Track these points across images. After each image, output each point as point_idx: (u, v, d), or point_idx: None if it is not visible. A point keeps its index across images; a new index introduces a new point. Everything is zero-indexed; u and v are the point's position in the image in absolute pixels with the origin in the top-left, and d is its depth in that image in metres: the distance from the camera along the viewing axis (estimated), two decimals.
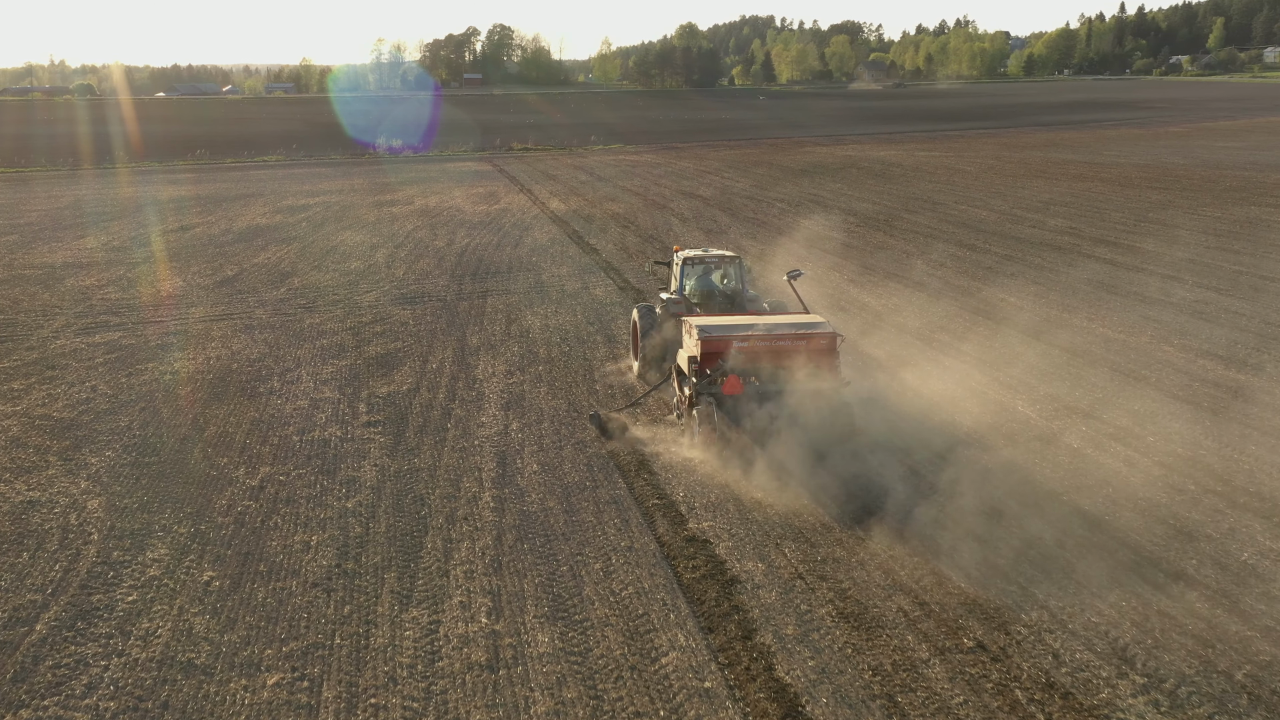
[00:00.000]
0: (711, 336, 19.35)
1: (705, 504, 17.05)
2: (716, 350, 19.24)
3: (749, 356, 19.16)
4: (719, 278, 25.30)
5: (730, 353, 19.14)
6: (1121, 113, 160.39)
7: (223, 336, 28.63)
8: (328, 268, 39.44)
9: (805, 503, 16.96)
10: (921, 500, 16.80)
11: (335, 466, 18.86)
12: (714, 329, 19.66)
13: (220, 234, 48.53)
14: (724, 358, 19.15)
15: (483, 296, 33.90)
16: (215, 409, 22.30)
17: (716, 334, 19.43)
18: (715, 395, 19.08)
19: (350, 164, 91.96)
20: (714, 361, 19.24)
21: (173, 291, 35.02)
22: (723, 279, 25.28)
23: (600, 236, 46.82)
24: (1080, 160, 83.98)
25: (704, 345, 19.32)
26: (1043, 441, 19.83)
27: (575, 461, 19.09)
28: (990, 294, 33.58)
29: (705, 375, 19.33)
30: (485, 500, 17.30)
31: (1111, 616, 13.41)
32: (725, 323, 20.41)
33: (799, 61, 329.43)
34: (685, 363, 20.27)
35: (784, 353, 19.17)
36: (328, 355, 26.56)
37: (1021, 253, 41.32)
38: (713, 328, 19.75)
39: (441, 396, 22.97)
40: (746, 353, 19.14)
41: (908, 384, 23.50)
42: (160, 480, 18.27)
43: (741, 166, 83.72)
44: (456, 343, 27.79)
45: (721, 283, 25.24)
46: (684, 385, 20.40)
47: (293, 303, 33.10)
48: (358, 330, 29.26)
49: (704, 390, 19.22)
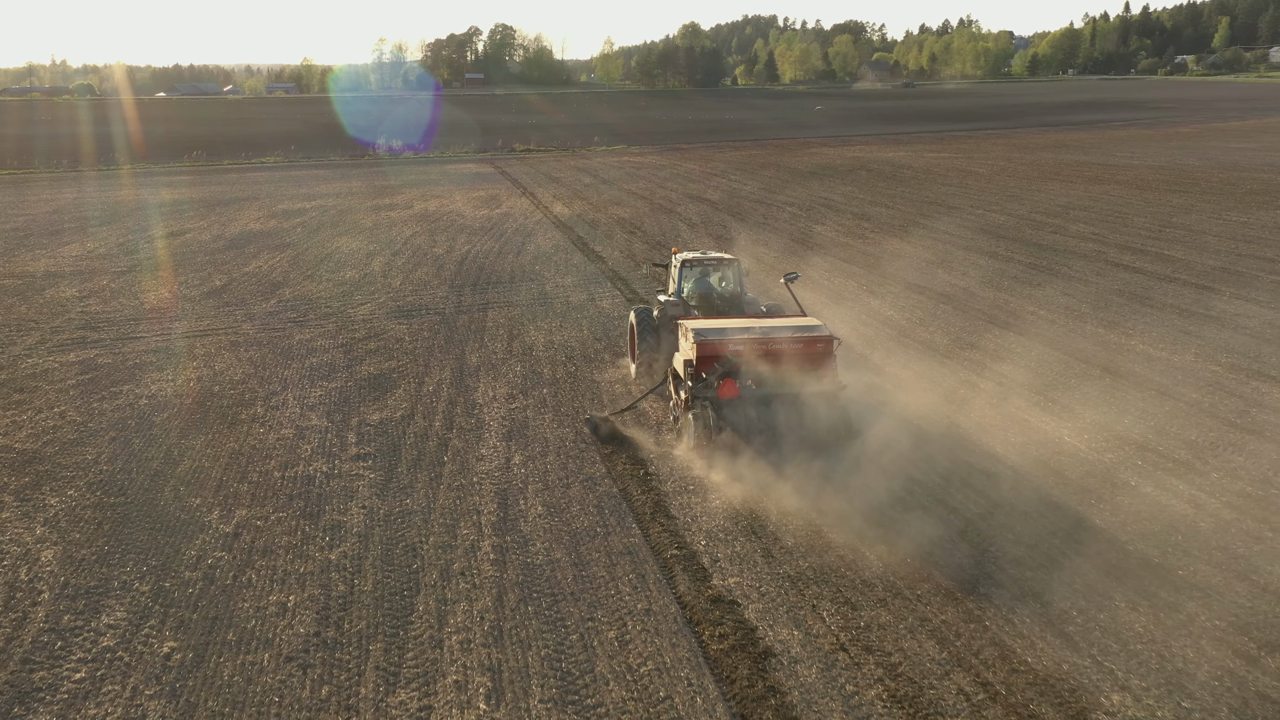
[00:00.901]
0: (707, 339, 19.22)
1: (730, 555, 15.28)
2: (712, 353, 19.14)
3: (745, 360, 19.02)
4: (717, 280, 25.11)
5: (726, 356, 19.02)
6: (1129, 113, 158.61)
7: (206, 355, 26.85)
8: (321, 277, 37.68)
9: (840, 553, 15.20)
10: (969, 550, 15.04)
11: (319, 508, 17.09)
12: (710, 332, 19.55)
13: (212, 240, 46.77)
14: (720, 361, 19.02)
15: (483, 309, 32.14)
16: (192, 439, 20.53)
17: (712, 337, 19.31)
18: (711, 399, 18.88)
19: (349, 166, 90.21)
20: (710, 365, 19.13)
21: (157, 304, 33.26)
22: (721, 281, 25.10)
23: (606, 243, 45.06)
24: (1093, 162, 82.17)
25: (700, 348, 19.16)
26: (1096, 479, 18.05)
27: (584, 502, 17.33)
28: (1018, 306, 31.82)
29: (701, 378, 19.17)
30: (484, 550, 15.54)
31: (1206, 701, 11.64)
32: (721, 326, 20.20)
33: (802, 61, 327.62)
34: (681, 366, 20.12)
35: (781, 356, 19.06)
36: (317, 376, 24.79)
37: (1047, 261, 39.53)
38: (709, 331, 19.65)
39: (438, 424, 21.20)
40: (743, 356, 19.03)
41: (941, 411, 21.73)
42: (124, 525, 16.50)
43: (748, 168, 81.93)
44: (455, 361, 26.03)
45: (719, 285, 25.04)
46: (680, 388, 20.19)
47: (283, 316, 31.34)
48: (350, 348, 27.49)
49: (699, 394, 19.01)
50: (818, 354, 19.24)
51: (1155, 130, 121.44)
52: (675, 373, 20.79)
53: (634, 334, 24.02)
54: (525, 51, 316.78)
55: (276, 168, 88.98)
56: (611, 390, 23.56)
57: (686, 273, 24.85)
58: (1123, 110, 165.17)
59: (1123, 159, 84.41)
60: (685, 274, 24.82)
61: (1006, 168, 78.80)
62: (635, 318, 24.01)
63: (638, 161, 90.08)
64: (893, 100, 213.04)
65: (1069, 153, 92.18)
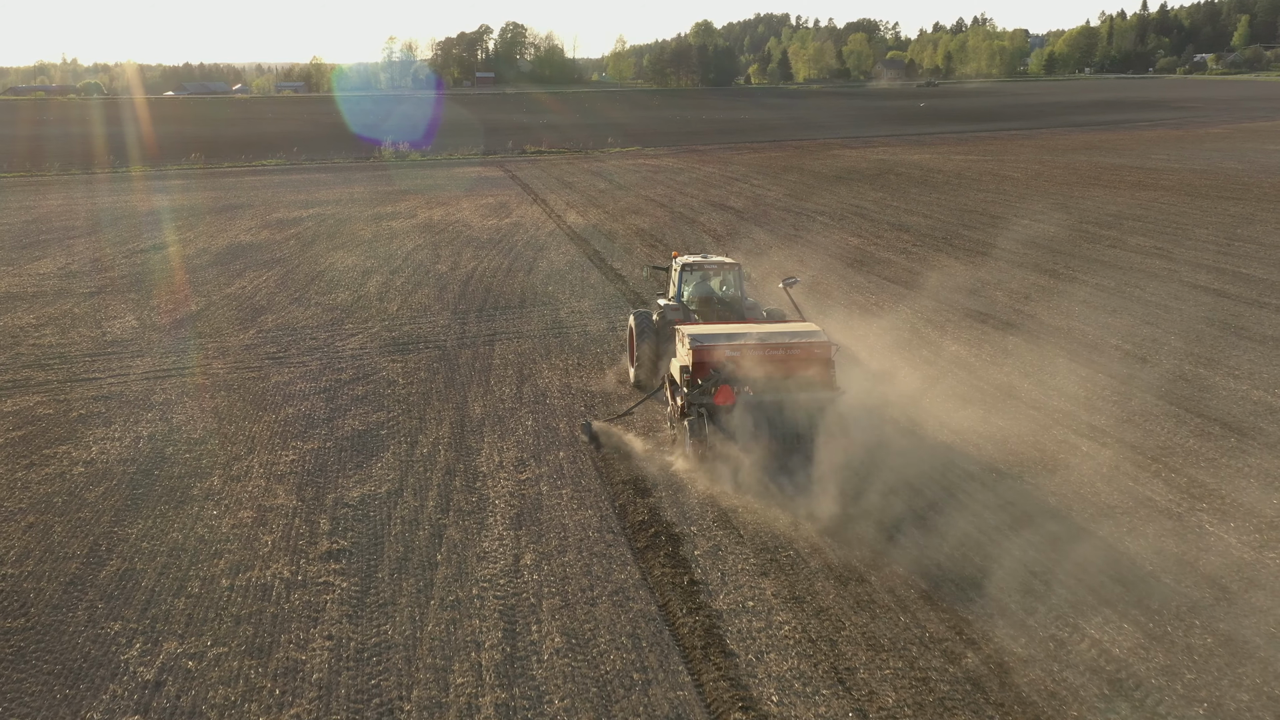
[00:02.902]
0: (704, 345, 18.89)
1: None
2: (708, 359, 18.82)
3: (742, 366, 18.61)
4: (717, 284, 24.73)
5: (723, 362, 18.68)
6: (1153, 113, 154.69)
7: (164, 404, 22.96)
8: (310, 300, 33.83)
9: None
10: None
11: (272, 639, 13.21)
12: (707, 338, 19.21)
13: (196, 255, 42.95)
14: (716, 367, 18.68)
15: (490, 341, 28.28)
16: (128, 525, 16.64)
17: (709, 343, 18.95)
18: (707, 405, 18.43)
19: (353, 169, 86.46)
20: (706, 371, 18.80)
21: (120, 335, 29.42)
22: (721, 285, 24.71)
23: (625, 259, 41.14)
24: (1130, 165, 78.08)
25: (696, 354, 18.84)
26: (1232, 584, 14.14)
27: (614, 629, 13.42)
28: (1098, 338, 27.86)
29: (697, 385, 18.72)
30: (485, 712, 11.67)
31: None
32: (719, 331, 19.81)
33: (816, 60, 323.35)
34: (677, 371, 19.72)
35: (778, 362, 18.70)
36: (290, 434, 20.90)
37: (1114, 281, 35.51)
38: (705, 336, 19.30)
39: (431, 504, 17.31)
40: (740, 362, 18.65)
41: (1049, 487, 17.80)
42: (16, 667, 12.64)
43: (770, 172, 77.97)
44: (455, 412, 22.15)
45: (720, 289, 24.66)
46: (676, 395, 19.82)
47: (260, 351, 27.47)
48: (334, 393, 23.61)
49: (696, 400, 18.59)
50: (816, 360, 18.87)
51: (1185, 131, 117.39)
52: (672, 378, 20.34)
53: (633, 338, 23.60)
54: (536, 50, 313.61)
55: (277, 171, 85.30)
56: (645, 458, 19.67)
57: (686, 276, 24.52)
58: (1146, 110, 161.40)
59: (1160, 162, 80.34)
60: (685, 278, 24.50)
61: (1041, 171, 74.77)
62: (634, 321, 23.52)
63: (653, 164, 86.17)
64: (911, 99, 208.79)
65: (1101, 155, 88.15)
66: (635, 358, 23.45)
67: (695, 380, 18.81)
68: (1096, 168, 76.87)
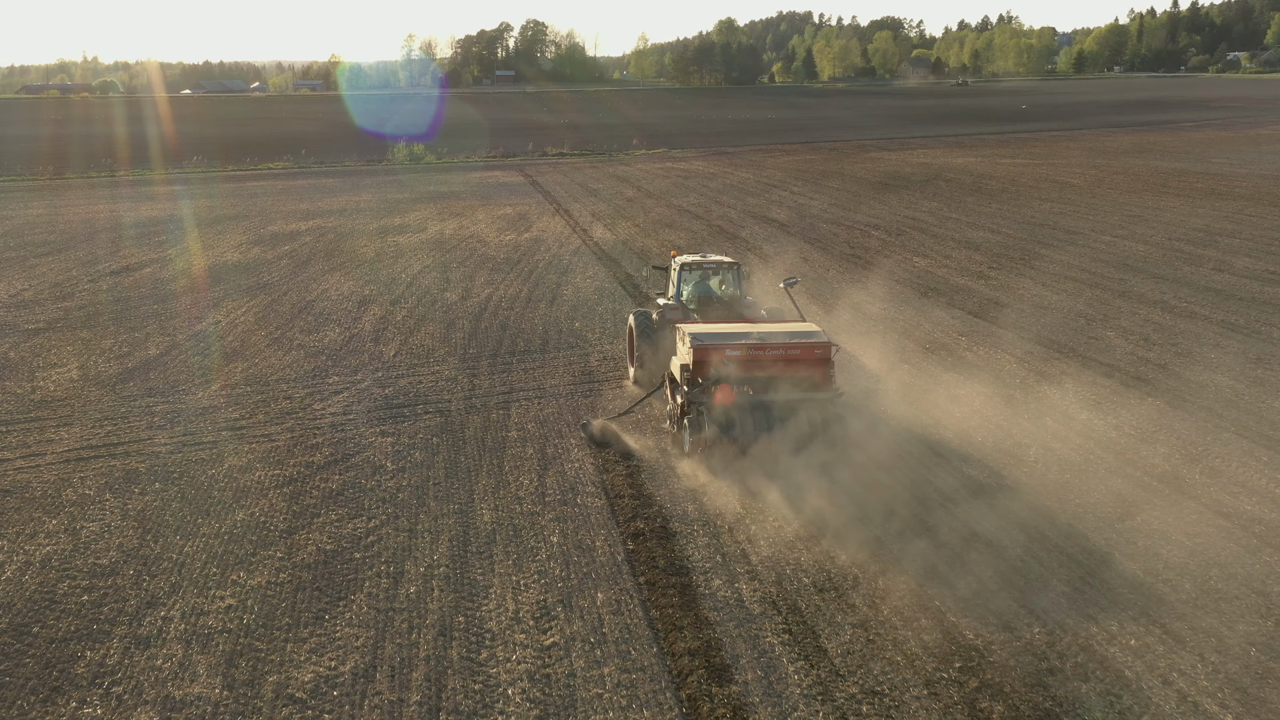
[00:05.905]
0: (704, 344, 18.80)
1: None
2: (709, 358, 18.68)
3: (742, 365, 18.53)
4: (717, 284, 24.58)
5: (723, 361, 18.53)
6: (1194, 112, 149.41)
7: (76, 504, 17.56)
8: (291, 341, 28.52)
9: None
10: None
11: None
12: (707, 337, 19.15)
13: (170, 279, 37.70)
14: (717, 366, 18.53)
15: (505, 403, 22.88)
16: None
17: (709, 342, 18.85)
18: (707, 404, 18.32)
19: (362, 173, 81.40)
20: (706, 370, 18.69)
21: (53, 391, 24.10)
22: (721, 285, 24.55)
23: (663, 283, 35.67)
24: (1192, 170, 72.35)
25: (696, 353, 18.74)
26: None
27: None
28: (1260, 402, 22.23)
29: (697, 384, 18.67)
30: None
31: None
32: (719, 330, 19.80)
33: (842, 58, 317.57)
34: (677, 370, 19.65)
35: (778, 362, 18.64)
36: (233, 558, 15.46)
37: (1243, 318, 29.89)
38: (705, 335, 19.23)
39: (415, 700, 11.90)
40: (740, 361, 18.55)
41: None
42: None
43: (808, 177, 72.43)
44: (456, 519, 16.73)
45: (720, 289, 24.48)
46: (676, 393, 19.78)
47: (219, 417, 22.09)
48: (300, 486, 18.20)
49: (696, 399, 18.56)
50: (815, 360, 18.85)
51: (1234, 132, 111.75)
52: (672, 377, 20.28)
53: (632, 338, 23.56)
54: (557, 48, 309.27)
55: (282, 175, 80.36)
56: (714, 591, 14.23)
57: (686, 276, 24.46)
58: (1185, 110, 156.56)
59: (1223, 166, 74.63)
60: (684, 277, 24.45)
61: (1101, 178, 69.10)
62: (634, 321, 23.52)
63: (683, 168, 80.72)
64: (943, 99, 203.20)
65: (1156, 158, 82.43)
66: (635, 357, 23.46)
67: (695, 379, 18.73)
68: (1157, 173, 71.19)
